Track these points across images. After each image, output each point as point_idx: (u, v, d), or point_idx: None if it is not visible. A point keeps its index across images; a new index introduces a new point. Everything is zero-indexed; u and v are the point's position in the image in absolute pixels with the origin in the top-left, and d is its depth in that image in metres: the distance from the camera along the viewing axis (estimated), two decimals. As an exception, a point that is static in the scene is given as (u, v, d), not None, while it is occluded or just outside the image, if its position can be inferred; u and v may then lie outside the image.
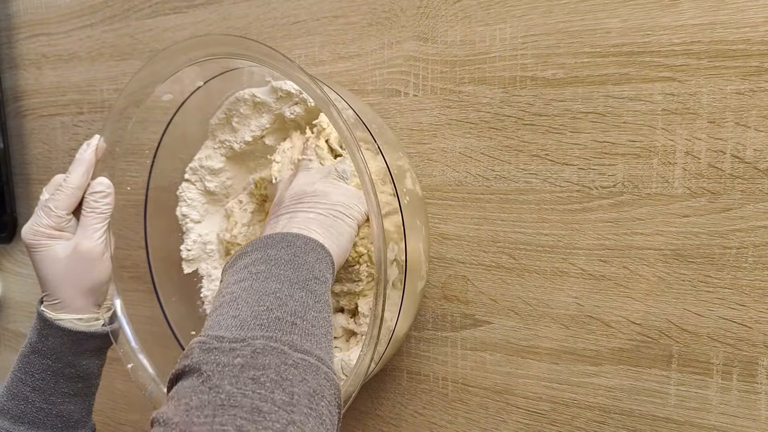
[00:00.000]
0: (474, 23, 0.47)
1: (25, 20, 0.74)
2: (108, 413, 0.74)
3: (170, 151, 0.55)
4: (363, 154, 0.38)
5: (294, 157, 0.49)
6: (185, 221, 0.57)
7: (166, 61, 0.47)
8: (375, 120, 0.48)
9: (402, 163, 0.48)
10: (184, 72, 0.48)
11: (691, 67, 0.41)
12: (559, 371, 0.47)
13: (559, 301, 0.46)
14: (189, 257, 0.57)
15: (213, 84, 0.52)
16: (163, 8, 0.63)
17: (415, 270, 0.46)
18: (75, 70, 0.70)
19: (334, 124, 0.38)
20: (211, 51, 0.45)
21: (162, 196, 0.56)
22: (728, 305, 0.41)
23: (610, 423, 0.46)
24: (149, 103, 0.50)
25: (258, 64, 0.43)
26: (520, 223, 0.47)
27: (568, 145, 0.45)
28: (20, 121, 0.76)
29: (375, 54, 0.52)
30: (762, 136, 0.40)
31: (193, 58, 0.46)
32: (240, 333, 0.33)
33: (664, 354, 0.43)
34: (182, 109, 0.53)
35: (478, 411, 0.51)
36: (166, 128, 0.53)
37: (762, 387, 0.41)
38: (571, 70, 0.44)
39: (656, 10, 0.42)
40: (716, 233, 0.41)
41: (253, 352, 0.31)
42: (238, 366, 0.31)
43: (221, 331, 0.33)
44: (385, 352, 0.45)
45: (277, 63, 0.40)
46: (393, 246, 0.41)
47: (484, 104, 0.48)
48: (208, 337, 0.33)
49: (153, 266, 0.56)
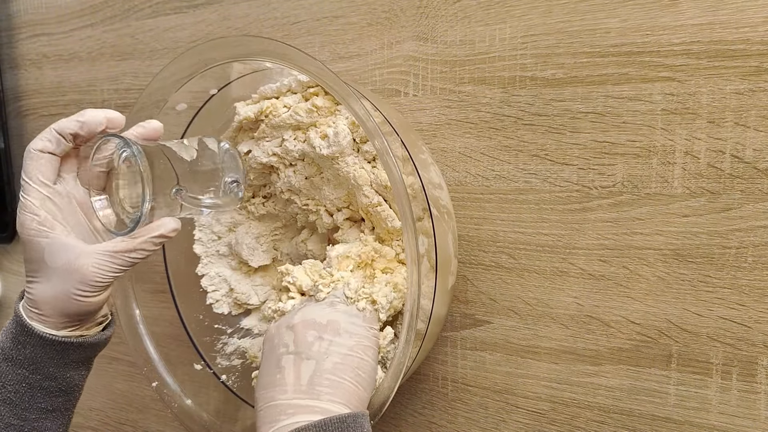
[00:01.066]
0: (474, 23, 0.47)
1: (26, 20, 0.74)
2: (108, 413, 0.74)
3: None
4: (400, 168, 0.38)
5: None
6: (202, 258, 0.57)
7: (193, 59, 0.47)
8: (402, 124, 0.48)
9: (425, 156, 0.48)
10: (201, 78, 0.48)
11: (690, 67, 0.41)
12: (558, 371, 0.47)
13: (559, 301, 0.46)
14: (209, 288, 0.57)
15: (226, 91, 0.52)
16: (164, 8, 0.63)
17: (445, 265, 0.46)
18: (75, 70, 0.71)
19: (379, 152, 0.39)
20: (252, 51, 0.45)
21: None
22: (728, 305, 0.41)
23: (609, 423, 0.46)
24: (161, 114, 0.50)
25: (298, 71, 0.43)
26: (520, 222, 0.47)
27: (568, 145, 0.45)
28: (21, 121, 0.77)
29: (375, 54, 0.52)
30: (761, 136, 0.40)
31: (235, 56, 0.45)
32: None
33: (663, 354, 0.43)
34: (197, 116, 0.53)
35: (478, 411, 0.51)
36: (182, 137, 0.53)
37: (761, 387, 0.41)
38: (570, 70, 0.44)
39: (656, 10, 0.42)
40: (716, 233, 0.41)
41: None
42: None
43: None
44: (418, 353, 0.45)
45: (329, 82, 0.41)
46: (423, 240, 0.41)
47: (483, 104, 0.48)
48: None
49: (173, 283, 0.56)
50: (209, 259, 0.57)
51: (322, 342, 0.41)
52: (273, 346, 0.43)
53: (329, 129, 0.47)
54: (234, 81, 0.51)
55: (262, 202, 0.55)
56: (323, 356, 0.41)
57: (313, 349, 0.41)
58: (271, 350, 0.43)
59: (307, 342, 0.41)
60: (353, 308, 0.43)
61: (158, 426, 0.70)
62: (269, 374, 0.41)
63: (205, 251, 0.57)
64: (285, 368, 0.41)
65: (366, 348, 0.42)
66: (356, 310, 0.43)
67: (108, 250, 0.40)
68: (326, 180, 0.50)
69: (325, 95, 0.48)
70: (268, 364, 0.42)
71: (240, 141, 0.53)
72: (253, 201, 0.56)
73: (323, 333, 0.42)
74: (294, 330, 0.42)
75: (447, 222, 0.47)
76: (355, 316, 0.43)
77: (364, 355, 0.41)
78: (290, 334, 0.42)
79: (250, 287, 0.57)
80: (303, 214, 0.53)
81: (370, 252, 0.47)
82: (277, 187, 0.52)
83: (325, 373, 0.40)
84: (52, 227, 0.40)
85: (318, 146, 0.47)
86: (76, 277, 0.39)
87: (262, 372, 0.43)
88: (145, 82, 0.66)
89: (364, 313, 0.43)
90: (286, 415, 0.39)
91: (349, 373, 0.40)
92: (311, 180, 0.51)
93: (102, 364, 0.73)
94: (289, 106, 0.49)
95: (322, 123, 0.48)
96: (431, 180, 0.47)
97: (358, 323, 0.43)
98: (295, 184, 0.51)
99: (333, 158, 0.47)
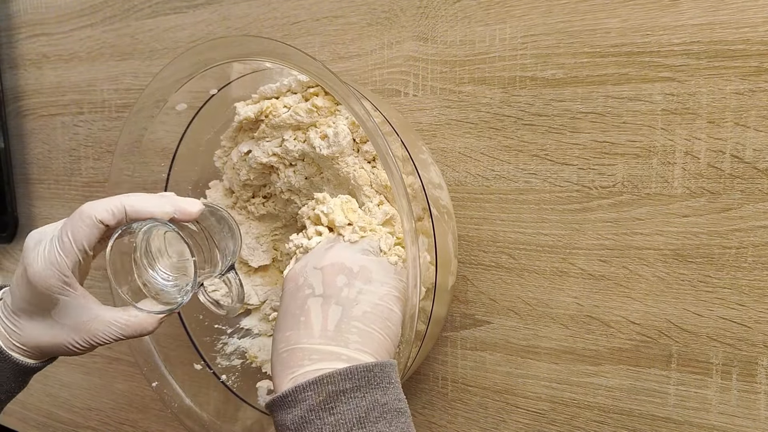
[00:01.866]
0: (474, 23, 0.47)
1: (25, 20, 0.74)
2: (108, 413, 0.74)
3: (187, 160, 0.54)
4: (400, 169, 0.38)
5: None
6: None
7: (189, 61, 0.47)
8: (402, 124, 0.48)
9: (425, 156, 0.48)
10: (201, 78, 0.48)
11: (690, 67, 0.41)
12: (558, 371, 0.47)
13: (559, 301, 0.46)
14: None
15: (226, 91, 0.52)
16: (164, 8, 0.63)
17: (445, 265, 0.45)
18: (75, 70, 0.71)
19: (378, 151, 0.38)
20: (252, 51, 0.44)
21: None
22: (728, 305, 0.41)
23: (609, 423, 0.46)
24: (161, 114, 0.50)
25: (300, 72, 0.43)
26: (520, 223, 0.47)
27: (568, 145, 0.45)
28: (20, 121, 0.77)
29: (375, 54, 0.52)
30: (761, 136, 0.40)
31: (234, 56, 0.45)
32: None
33: (663, 354, 0.43)
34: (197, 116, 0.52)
35: (478, 411, 0.51)
36: (181, 138, 0.53)
37: (761, 387, 0.41)
38: (570, 71, 0.44)
39: (656, 10, 0.42)
40: (716, 233, 0.41)
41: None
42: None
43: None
44: (418, 354, 0.45)
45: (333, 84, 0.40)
46: (423, 239, 0.41)
47: (483, 104, 0.48)
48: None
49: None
50: None
51: (352, 288, 0.39)
52: (298, 287, 0.40)
53: (329, 129, 0.47)
54: (234, 81, 0.51)
55: (262, 202, 0.55)
56: (352, 303, 0.38)
57: (342, 295, 0.39)
58: (295, 290, 0.40)
59: (336, 286, 0.39)
60: (385, 260, 0.41)
61: (158, 426, 0.70)
62: (292, 316, 0.39)
63: None
64: (311, 311, 0.38)
65: (396, 299, 0.40)
66: (388, 263, 0.41)
67: (122, 322, 0.41)
68: (326, 180, 0.50)
69: (325, 95, 0.48)
70: (292, 305, 0.40)
71: (240, 141, 0.53)
72: (253, 201, 0.56)
73: (354, 279, 0.39)
74: (323, 271, 0.40)
75: (447, 222, 0.47)
76: (387, 267, 0.41)
77: (394, 306, 0.40)
78: (317, 276, 0.40)
79: (250, 287, 0.57)
80: None
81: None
82: (277, 187, 0.52)
83: (354, 321, 0.38)
84: (75, 288, 0.40)
85: (318, 146, 0.47)
86: (81, 335, 0.40)
87: (283, 313, 0.40)
88: (145, 82, 0.66)
89: (396, 267, 0.41)
90: (310, 360, 0.36)
91: (379, 323, 0.38)
92: (311, 180, 0.51)
93: (102, 364, 0.74)
94: (289, 106, 0.49)
95: (322, 123, 0.48)
96: (431, 180, 0.47)
97: (391, 274, 0.41)
98: (295, 184, 0.51)
99: (333, 158, 0.47)
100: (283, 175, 0.51)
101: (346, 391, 0.34)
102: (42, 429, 0.81)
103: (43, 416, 0.81)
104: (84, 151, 0.72)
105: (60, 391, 0.79)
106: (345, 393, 0.34)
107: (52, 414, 0.80)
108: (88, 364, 0.75)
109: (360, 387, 0.35)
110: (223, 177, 0.56)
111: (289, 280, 0.41)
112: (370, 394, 0.35)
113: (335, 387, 0.34)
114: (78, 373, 0.76)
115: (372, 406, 0.34)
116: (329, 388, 0.34)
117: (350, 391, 0.34)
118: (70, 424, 0.78)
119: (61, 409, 0.79)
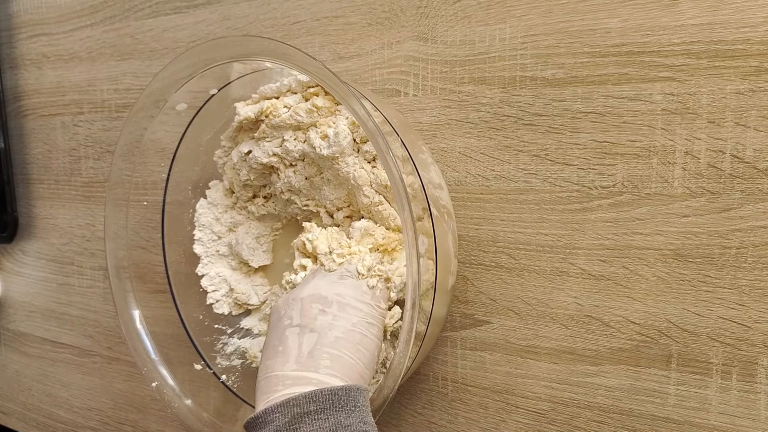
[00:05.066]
0: (474, 23, 0.47)
1: (25, 20, 0.74)
2: (108, 413, 0.74)
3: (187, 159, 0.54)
4: (400, 169, 0.38)
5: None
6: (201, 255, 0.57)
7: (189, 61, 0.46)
8: (402, 123, 0.48)
9: (425, 156, 0.48)
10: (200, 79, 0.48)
11: (690, 67, 0.41)
12: (558, 371, 0.47)
13: (559, 301, 0.46)
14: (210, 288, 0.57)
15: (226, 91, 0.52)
16: (164, 8, 0.63)
17: (445, 265, 0.46)
18: (75, 70, 0.71)
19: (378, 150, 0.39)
20: (251, 51, 0.44)
21: (177, 210, 0.56)
22: (728, 305, 0.41)
23: (609, 423, 0.46)
24: (161, 114, 0.50)
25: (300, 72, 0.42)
26: (520, 223, 0.47)
27: (568, 145, 0.45)
28: (20, 121, 0.77)
29: (375, 54, 0.52)
30: (761, 135, 0.40)
31: (234, 56, 0.45)
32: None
33: (663, 354, 0.43)
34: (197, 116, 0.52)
35: (478, 411, 0.51)
36: (181, 138, 0.53)
37: (761, 387, 0.41)
38: (570, 70, 0.44)
39: (656, 10, 0.42)
40: (716, 233, 0.41)
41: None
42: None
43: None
44: (418, 354, 0.45)
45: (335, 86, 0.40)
46: (423, 240, 0.41)
47: (483, 104, 0.48)
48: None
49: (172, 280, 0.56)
50: (209, 259, 0.57)
51: (326, 316, 0.41)
52: (279, 318, 0.43)
53: (329, 129, 0.47)
54: (234, 81, 0.51)
55: (262, 202, 0.55)
56: (326, 330, 0.41)
57: (316, 323, 0.41)
58: (277, 322, 0.43)
59: (311, 315, 0.42)
60: (363, 284, 0.43)
61: (158, 426, 0.70)
62: (272, 346, 0.42)
63: (205, 251, 0.57)
64: (288, 339, 0.41)
65: (369, 325, 0.42)
66: (366, 286, 0.43)
67: None
68: (326, 180, 0.50)
69: (325, 95, 0.48)
70: (273, 335, 0.43)
71: (240, 141, 0.53)
72: (253, 201, 0.56)
73: (328, 307, 0.42)
74: (302, 302, 0.43)
75: (447, 222, 0.47)
76: (363, 292, 0.43)
77: (367, 332, 0.42)
78: (297, 306, 0.43)
79: (250, 287, 0.57)
80: (303, 214, 0.53)
81: (394, 239, 0.47)
82: (277, 188, 0.52)
83: (325, 347, 0.40)
84: None
85: (318, 146, 0.47)
86: None
87: (266, 343, 0.43)
88: (145, 82, 0.66)
89: (374, 291, 0.43)
90: (284, 385, 0.39)
91: (350, 348, 0.40)
92: (311, 180, 0.51)
93: (102, 364, 0.74)
94: (290, 106, 0.49)
95: (322, 123, 0.48)
96: (431, 180, 0.47)
97: (366, 300, 0.43)
98: (296, 185, 0.51)
99: (333, 158, 0.47)
100: (283, 175, 0.51)
101: (311, 413, 0.36)
102: (42, 429, 0.81)
103: (43, 416, 0.81)
104: (84, 151, 0.72)
105: (60, 391, 0.79)
106: (309, 415, 0.36)
107: (52, 414, 0.80)
108: (87, 364, 0.75)
109: (324, 409, 0.36)
110: (224, 177, 0.56)
111: (273, 312, 0.44)
112: (334, 416, 0.36)
113: (300, 409, 0.36)
114: (78, 373, 0.76)
115: (335, 428, 0.36)
116: (294, 410, 0.36)
117: (314, 413, 0.36)
118: (70, 424, 0.78)
119: (61, 409, 0.79)
